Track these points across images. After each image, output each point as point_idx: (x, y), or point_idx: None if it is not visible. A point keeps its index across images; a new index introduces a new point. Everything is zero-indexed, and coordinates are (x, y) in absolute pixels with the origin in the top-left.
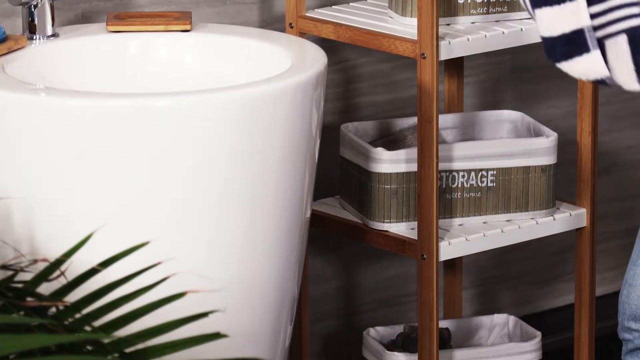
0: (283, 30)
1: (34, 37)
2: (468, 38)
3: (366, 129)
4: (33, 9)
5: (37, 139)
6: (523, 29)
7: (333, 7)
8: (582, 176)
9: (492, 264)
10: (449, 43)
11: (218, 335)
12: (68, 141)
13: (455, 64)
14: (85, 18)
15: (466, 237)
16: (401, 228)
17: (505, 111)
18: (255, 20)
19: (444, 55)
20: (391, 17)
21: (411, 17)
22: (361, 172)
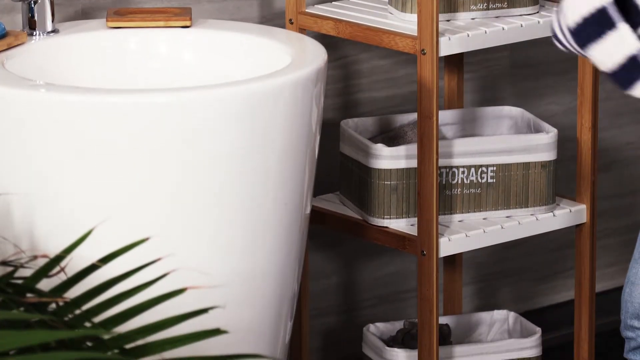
0: (283, 26)
1: (34, 33)
2: (468, 34)
3: (366, 125)
4: (33, 5)
5: (37, 135)
6: (523, 25)
7: (333, 3)
8: (582, 172)
9: (492, 260)
10: (449, 39)
11: (218, 331)
12: (68, 137)
13: (455, 60)
14: (85, 14)
15: (466, 233)
16: (401, 224)
17: (505, 107)
18: (255, 16)
19: (444, 51)
20: (391, 13)
21: (411, 13)
22: (361, 168)
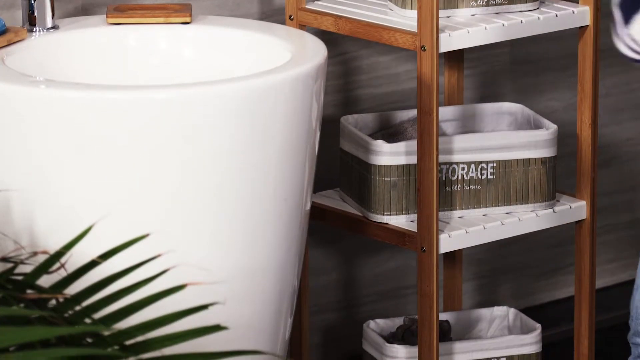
0: (283, 22)
1: (34, 30)
2: (468, 30)
3: (366, 122)
4: (33, 1)
5: (37, 131)
6: (523, 21)
7: None
8: (582, 168)
9: (492, 257)
10: (449, 35)
11: (218, 327)
12: (68, 133)
13: (455, 56)
14: (85, 10)
15: (466, 230)
16: (401, 220)
17: (505, 103)
18: (255, 12)
19: (444, 47)
20: (391, 10)
21: (411, 10)
22: (361, 165)
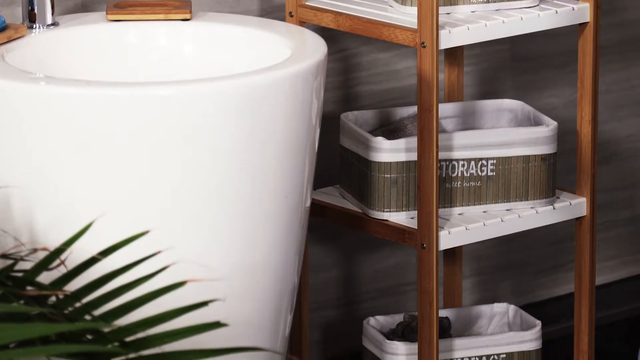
0: (283, 19)
1: (34, 26)
2: (468, 27)
3: (366, 118)
4: None
5: (37, 128)
6: (523, 18)
7: None
8: (582, 165)
9: (492, 253)
10: (449, 32)
11: (218, 324)
12: (68, 130)
13: (455, 53)
14: (85, 7)
15: (466, 226)
16: (401, 217)
17: (505, 100)
18: (255, 9)
19: (444, 44)
20: (391, 6)
21: (411, 6)
22: (361, 161)
